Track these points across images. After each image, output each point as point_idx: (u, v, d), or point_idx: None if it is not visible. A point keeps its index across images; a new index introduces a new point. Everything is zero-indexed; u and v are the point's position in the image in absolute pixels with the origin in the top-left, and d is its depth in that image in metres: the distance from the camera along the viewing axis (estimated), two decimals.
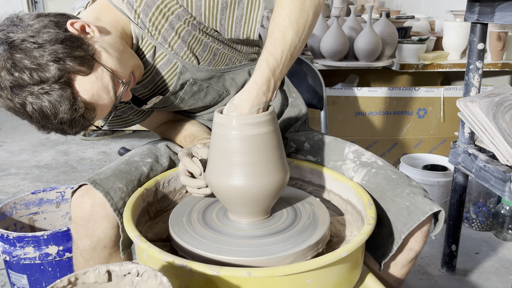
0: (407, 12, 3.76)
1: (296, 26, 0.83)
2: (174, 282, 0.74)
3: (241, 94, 0.83)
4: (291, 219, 0.90)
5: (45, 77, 0.81)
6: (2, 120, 3.88)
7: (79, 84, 0.85)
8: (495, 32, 2.34)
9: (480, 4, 1.44)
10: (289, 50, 0.84)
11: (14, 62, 0.80)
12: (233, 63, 1.10)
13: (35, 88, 0.81)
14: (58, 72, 0.81)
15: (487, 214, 2.00)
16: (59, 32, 0.85)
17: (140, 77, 1.01)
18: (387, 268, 1.00)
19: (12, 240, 1.37)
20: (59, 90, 0.82)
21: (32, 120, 0.85)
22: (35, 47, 0.81)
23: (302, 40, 0.85)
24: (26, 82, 0.81)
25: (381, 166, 1.03)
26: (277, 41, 0.83)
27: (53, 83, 0.81)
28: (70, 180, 2.68)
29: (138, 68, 0.98)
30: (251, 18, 0.98)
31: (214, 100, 1.17)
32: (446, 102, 2.47)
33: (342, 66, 2.47)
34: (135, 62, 0.97)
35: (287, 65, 0.85)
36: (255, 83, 0.82)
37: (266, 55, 0.83)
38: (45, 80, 0.81)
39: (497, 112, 1.36)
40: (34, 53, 0.81)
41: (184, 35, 0.99)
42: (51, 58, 0.81)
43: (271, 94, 0.84)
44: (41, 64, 0.80)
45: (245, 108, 0.82)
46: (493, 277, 1.71)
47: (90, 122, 0.90)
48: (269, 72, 0.82)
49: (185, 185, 0.96)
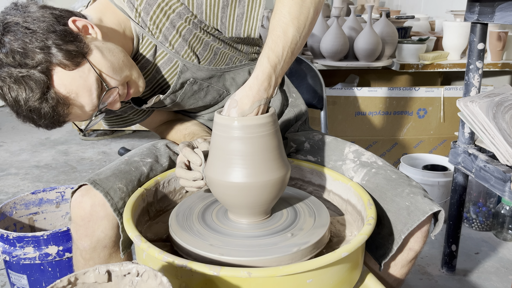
0: (407, 12, 3.76)
1: (297, 23, 0.84)
2: (174, 282, 0.74)
3: (243, 90, 0.83)
4: (291, 219, 0.90)
5: (25, 62, 0.81)
6: (2, 120, 3.87)
7: (59, 76, 0.84)
8: (495, 32, 2.34)
9: (480, 4, 1.44)
10: (290, 46, 0.84)
11: (3, 43, 0.82)
12: (234, 62, 1.10)
13: (13, 70, 0.81)
14: (40, 59, 0.82)
15: (487, 214, 2.00)
16: (56, 23, 0.85)
17: (140, 93, 1.00)
18: (387, 268, 1.00)
19: (12, 240, 1.37)
20: (35, 76, 0.81)
21: (8, 104, 0.85)
22: (27, 32, 0.82)
23: (303, 37, 0.86)
24: (6, 63, 0.81)
25: (381, 166, 1.03)
26: (278, 37, 0.83)
27: (31, 68, 0.81)
28: (70, 180, 2.68)
29: (136, 82, 0.97)
30: (252, 16, 0.98)
31: (214, 100, 1.17)
32: (446, 102, 2.47)
33: (342, 66, 2.47)
34: (134, 75, 0.96)
35: (288, 62, 0.85)
36: (257, 79, 0.82)
37: (267, 51, 0.83)
38: (24, 65, 0.81)
39: (497, 112, 1.36)
40: (24, 37, 0.82)
41: (185, 34, 0.99)
42: (38, 45, 0.82)
43: (272, 90, 0.84)
44: (26, 49, 0.81)
45: (246, 104, 0.82)
46: (493, 277, 1.71)
47: (65, 119, 0.89)
48: (271, 68, 0.82)
49: (180, 177, 0.96)
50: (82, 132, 0.97)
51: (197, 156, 0.93)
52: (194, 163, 0.93)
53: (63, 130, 3.60)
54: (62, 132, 3.57)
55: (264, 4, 0.98)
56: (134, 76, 0.96)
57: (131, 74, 0.95)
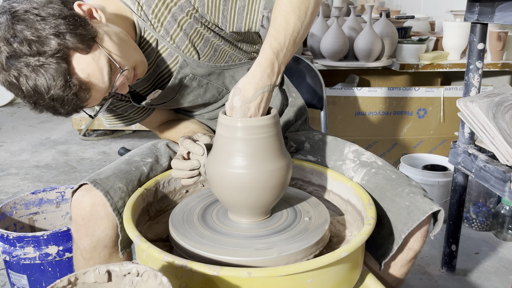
0: (407, 12, 3.76)
1: (298, 12, 0.85)
2: (174, 282, 0.74)
3: (245, 77, 0.83)
4: (291, 219, 0.90)
5: (43, 50, 0.79)
6: (2, 120, 3.87)
7: (77, 61, 0.83)
8: (495, 32, 2.34)
9: (480, 4, 1.44)
10: (292, 34, 0.85)
11: (15, 33, 0.79)
12: (233, 60, 1.11)
13: (31, 59, 0.79)
14: (57, 46, 0.79)
15: (487, 214, 2.00)
16: (64, 8, 0.84)
17: (143, 74, 1.01)
18: (387, 268, 1.00)
19: (12, 240, 1.37)
20: (55, 64, 0.79)
21: (25, 95, 0.82)
22: (37, 19, 0.80)
23: (304, 27, 0.87)
24: (23, 53, 0.79)
25: (380, 166, 1.03)
26: (280, 25, 0.85)
27: (50, 56, 0.79)
28: (70, 180, 2.68)
29: (141, 65, 0.98)
30: (253, 9, 0.99)
31: (213, 98, 1.17)
32: (446, 102, 2.47)
33: (342, 66, 2.48)
34: (138, 58, 0.96)
35: (290, 50, 0.86)
36: (259, 66, 0.83)
37: (269, 39, 0.84)
38: (43, 53, 0.79)
39: (497, 112, 1.36)
40: (36, 25, 0.79)
41: (186, 28, 0.99)
42: (52, 32, 0.80)
43: (275, 78, 0.84)
44: (41, 37, 0.79)
45: (249, 92, 0.82)
46: (493, 277, 1.71)
47: (83, 104, 0.87)
48: (273, 54, 0.83)
49: (175, 167, 0.95)
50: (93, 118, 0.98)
51: (199, 146, 0.93)
52: (196, 153, 0.93)
53: (63, 130, 3.60)
54: (62, 132, 3.57)
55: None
56: (139, 59, 0.97)
57: (137, 57, 0.96)
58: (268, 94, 0.83)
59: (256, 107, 0.83)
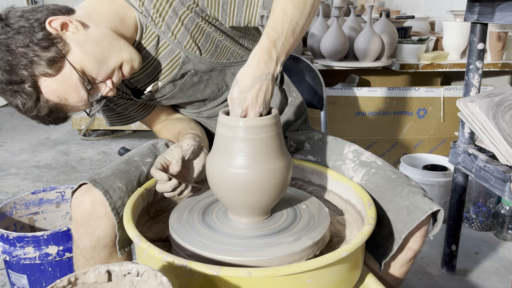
0: (407, 12, 3.76)
1: (296, 2, 0.86)
2: (174, 282, 0.74)
3: (243, 69, 0.84)
4: (291, 219, 0.90)
5: (14, 79, 0.87)
6: (2, 120, 3.87)
7: (44, 85, 0.89)
8: (495, 32, 2.34)
9: (480, 4, 1.44)
10: (290, 24, 0.85)
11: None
12: (235, 58, 1.11)
13: (8, 87, 0.88)
14: (26, 75, 0.86)
15: (487, 214, 2.00)
16: (35, 32, 0.87)
17: (136, 70, 1.00)
18: (387, 267, 1.00)
19: (12, 240, 1.37)
20: (26, 90, 0.88)
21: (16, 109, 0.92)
22: (9, 49, 0.86)
23: (304, 17, 0.87)
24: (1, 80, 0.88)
25: (380, 166, 1.03)
26: (277, 15, 0.86)
27: (20, 84, 0.87)
28: (70, 180, 2.68)
29: (129, 63, 0.97)
30: (253, 3, 0.99)
31: (213, 94, 1.17)
32: (446, 102, 2.47)
33: (342, 66, 2.47)
34: (126, 56, 0.96)
35: (289, 39, 0.86)
36: (255, 54, 0.83)
37: (266, 29, 0.85)
38: (14, 82, 0.87)
39: (497, 112, 1.36)
40: (7, 56, 0.86)
41: (187, 23, 1.00)
42: (22, 61, 0.86)
43: (274, 66, 0.84)
44: (12, 66, 0.86)
45: (246, 81, 0.82)
46: (493, 277, 1.71)
47: (66, 115, 0.96)
48: (269, 43, 0.83)
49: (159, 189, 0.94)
50: (89, 116, 1.02)
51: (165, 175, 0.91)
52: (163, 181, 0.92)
53: (63, 130, 3.60)
54: (62, 132, 3.57)
55: None
56: (126, 57, 0.96)
57: (121, 57, 0.95)
58: (267, 83, 0.82)
59: (254, 97, 0.81)
